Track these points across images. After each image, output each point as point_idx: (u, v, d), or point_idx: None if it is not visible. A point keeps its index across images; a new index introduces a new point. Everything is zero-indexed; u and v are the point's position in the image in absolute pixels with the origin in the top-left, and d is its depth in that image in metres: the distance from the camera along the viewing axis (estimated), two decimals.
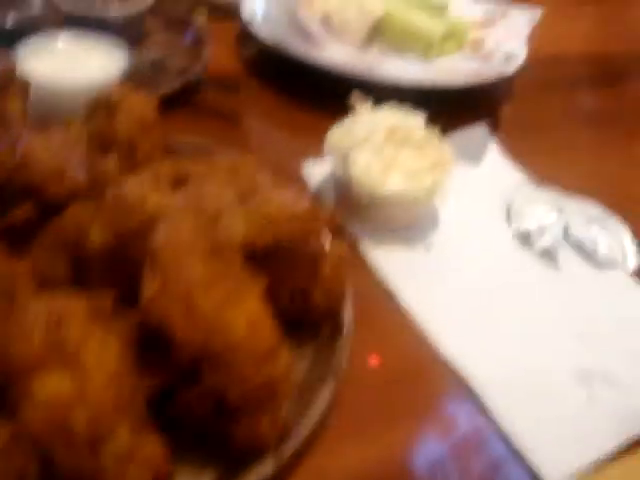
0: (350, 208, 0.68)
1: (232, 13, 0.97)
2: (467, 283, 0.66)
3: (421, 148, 0.66)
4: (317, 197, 0.71)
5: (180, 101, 0.80)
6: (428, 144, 0.67)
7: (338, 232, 0.55)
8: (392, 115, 0.68)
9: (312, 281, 0.52)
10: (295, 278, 0.51)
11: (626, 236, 0.74)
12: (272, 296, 0.47)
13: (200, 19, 1.00)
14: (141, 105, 0.64)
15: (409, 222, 0.69)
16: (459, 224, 0.71)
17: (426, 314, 0.62)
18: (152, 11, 0.91)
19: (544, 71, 1.08)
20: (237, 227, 0.45)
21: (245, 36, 0.95)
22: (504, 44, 0.95)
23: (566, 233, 0.72)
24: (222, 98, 0.82)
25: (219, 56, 0.91)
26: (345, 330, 0.55)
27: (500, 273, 0.68)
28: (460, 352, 0.59)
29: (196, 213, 0.46)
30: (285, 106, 0.86)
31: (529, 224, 0.72)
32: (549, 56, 1.12)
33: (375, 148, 0.65)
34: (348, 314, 0.56)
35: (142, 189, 0.50)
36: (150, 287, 0.42)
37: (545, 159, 0.86)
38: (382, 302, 0.63)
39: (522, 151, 0.85)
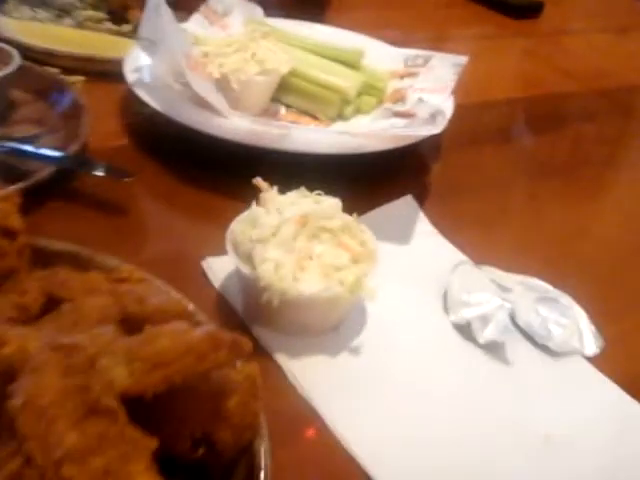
0: (260, 313, 0.66)
1: (114, 75, 0.95)
2: (401, 391, 0.65)
3: (339, 238, 0.65)
4: (222, 302, 0.69)
5: (55, 191, 0.78)
6: (347, 233, 0.66)
7: (247, 354, 0.53)
8: (303, 200, 0.67)
9: (216, 420, 0.49)
10: (196, 421, 0.48)
11: (581, 316, 0.75)
12: (169, 447, 0.44)
13: (76, 84, 0.98)
14: (1, 207, 0.61)
15: (330, 326, 0.68)
16: (389, 321, 0.70)
17: (355, 433, 0.60)
18: (18, 78, 0.89)
19: (472, 121, 1.11)
20: (118, 373, 0.42)
21: (131, 103, 0.94)
22: (429, 98, 0.96)
23: (512, 319, 0.72)
24: (107, 183, 0.80)
25: (101, 129, 0.89)
26: (261, 469, 0.52)
27: (439, 375, 0.67)
28: (397, 477, 0.58)
29: (67, 357, 0.43)
30: (183, 188, 0.85)
31: (470, 313, 0.71)
32: (477, 104, 1.15)
33: (285, 242, 0.64)
34: (264, 448, 0.54)
35: None
36: (11, 461, 0.39)
37: (479, 227, 0.88)
38: (304, 423, 0.61)
39: (454, 219, 0.86)
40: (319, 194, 0.69)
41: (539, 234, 0.89)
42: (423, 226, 0.84)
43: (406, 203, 0.86)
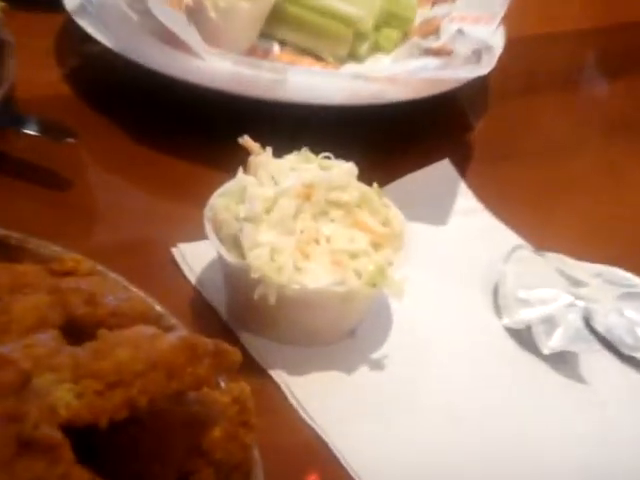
0: (251, 315, 0.67)
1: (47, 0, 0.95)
2: (436, 418, 0.65)
3: (355, 216, 0.66)
4: (199, 301, 0.70)
5: None
6: (366, 208, 0.66)
7: (235, 368, 0.53)
8: (306, 166, 0.67)
9: (195, 456, 0.49)
10: (168, 457, 0.48)
11: None
12: None
13: None
14: None
15: (344, 331, 0.68)
16: (421, 325, 0.71)
17: (373, 472, 0.60)
18: None
19: (528, 60, 1.10)
20: (61, 395, 0.42)
21: (72, 38, 0.94)
22: (470, 29, 0.96)
23: (588, 322, 0.72)
24: (42, 145, 0.79)
25: (33, 73, 0.89)
26: None
27: (488, 397, 0.67)
28: None
29: None
30: (145, 152, 0.84)
31: (530, 314, 0.71)
32: (534, 37, 1.15)
33: (283, 221, 0.64)
34: None
35: None
36: None
37: (539, 202, 0.88)
38: (309, 459, 0.62)
39: (504, 192, 0.87)
40: (327, 157, 0.69)
41: (619, 211, 0.89)
42: (465, 200, 0.84)
43: (442, 170, 0.86)
